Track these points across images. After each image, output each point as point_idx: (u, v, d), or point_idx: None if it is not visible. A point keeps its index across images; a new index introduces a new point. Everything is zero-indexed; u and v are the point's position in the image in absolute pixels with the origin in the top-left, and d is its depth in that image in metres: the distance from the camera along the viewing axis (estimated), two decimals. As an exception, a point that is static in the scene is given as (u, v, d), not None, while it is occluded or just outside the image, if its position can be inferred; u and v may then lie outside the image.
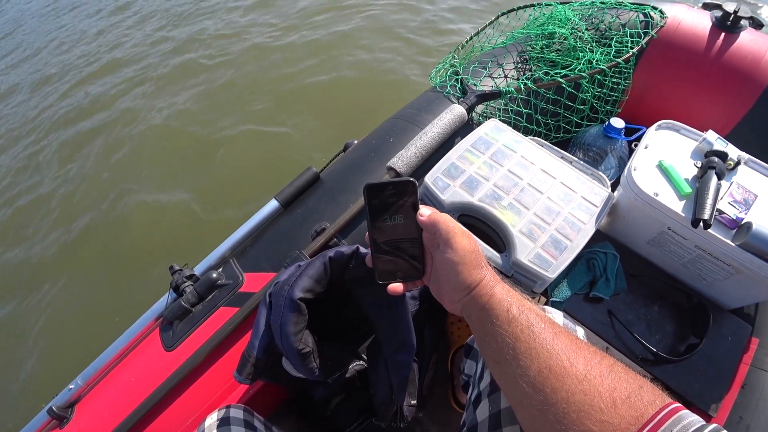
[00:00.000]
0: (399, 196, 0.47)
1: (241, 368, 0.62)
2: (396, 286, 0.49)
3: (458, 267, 0.44)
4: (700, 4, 1.18)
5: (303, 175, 0.98)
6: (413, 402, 0.70)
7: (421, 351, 0.83)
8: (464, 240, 0.45)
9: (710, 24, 1.10)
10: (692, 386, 0.76)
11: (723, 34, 1.08)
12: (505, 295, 0.43)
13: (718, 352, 0.79)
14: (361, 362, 0.72)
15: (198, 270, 0.91)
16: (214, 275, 0.86)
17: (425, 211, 0.47)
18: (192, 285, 0.86)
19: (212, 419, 0.61)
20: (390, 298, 0.49)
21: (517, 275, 0.77)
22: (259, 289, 0.81)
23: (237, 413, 0.63)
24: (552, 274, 0.74)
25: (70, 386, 0.82)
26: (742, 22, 1.08)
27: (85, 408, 0.80)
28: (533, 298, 0.82)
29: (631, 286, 0.87)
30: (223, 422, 0.61)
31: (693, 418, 0.32)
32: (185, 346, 0.80)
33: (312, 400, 0.80)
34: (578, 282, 0.86)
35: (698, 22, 1.11)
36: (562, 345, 0.39)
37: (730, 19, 1.08)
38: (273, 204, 0.96)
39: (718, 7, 1.11)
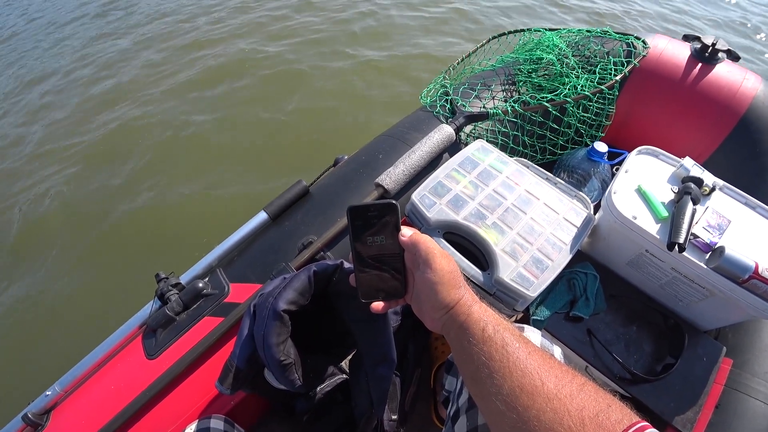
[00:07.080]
0: (381, 217, 0.49)
1: (222, 378, 0.62)
2: (378, 305, 0.50)
3: (437, 287, 0.45)
4: (681, 36, 1.23)
5: (292, 188, 0.99)
6: (394, 417, 0.70)
7: (403, 366, 0.83)
8: (443, 261, 0.46)
9: (689, 55, 1.15)
10: (668, 406, 0.78)
11: (701, 65, 1.13)
12: (481, 315, 0.45)
13: (694, 372, 0.81)
14: (344, 375, 0.72)
15: (184, 279, 0.91)
16: (200, 285, 0.86)
17: (407, 232, 0.49)
18: (177, 293, 0.86)
19: (192, 429, 0.61)
20: (371, 314, 0.50)
21: (499, 293, 0.79)
22: (244, 300, 0.82)
23: (217, 424, 0.63)
24: (533, 293, 0.76)
25: (47, 392, 0.80)
26: (720, 54, 1.13)
27: (62, 415, 0.78)
28: (514, 316, 0.84)
29: (611, 307, 0.89)
30: None
31: None
32: (168, 354, 0.79)
33: (293, 412, 0.80)
34: (559, 301, 0.88)
35: (678, 52, 1.16)
36: (535, 364, 0.40)
37: (708, 50, 1.13)
38: (262, 216, 0.97)
39: (698, 39, 1.16)
